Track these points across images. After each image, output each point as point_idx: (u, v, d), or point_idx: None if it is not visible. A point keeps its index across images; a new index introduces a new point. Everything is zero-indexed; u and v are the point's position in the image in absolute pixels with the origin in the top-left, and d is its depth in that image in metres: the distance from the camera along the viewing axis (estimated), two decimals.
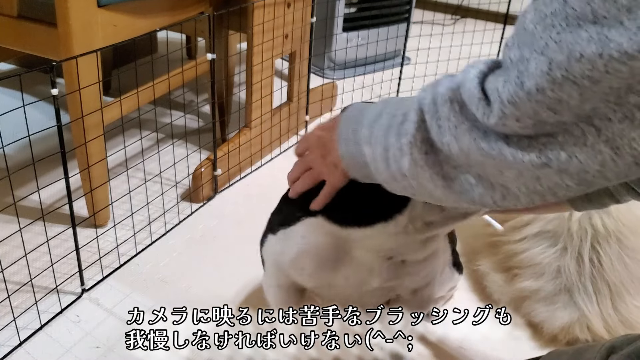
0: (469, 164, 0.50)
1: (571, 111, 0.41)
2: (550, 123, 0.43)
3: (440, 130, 0.50)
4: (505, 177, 0.48)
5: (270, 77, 1.59)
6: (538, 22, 0.41)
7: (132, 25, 1.23)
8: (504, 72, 0.45)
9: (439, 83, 0.52)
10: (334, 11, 2.15)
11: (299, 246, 0.78)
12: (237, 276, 1.18)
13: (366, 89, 2.08)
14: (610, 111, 0.40)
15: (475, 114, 0.47)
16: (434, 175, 0.52)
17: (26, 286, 1.08)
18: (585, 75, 0.39)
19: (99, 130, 1.17)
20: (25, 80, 1.01)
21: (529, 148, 0.44)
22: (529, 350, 1.01)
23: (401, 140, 0.53)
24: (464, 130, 0.48)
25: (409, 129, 0.52)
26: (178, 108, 1.79)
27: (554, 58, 0.40)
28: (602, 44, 0.37)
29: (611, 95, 0.40)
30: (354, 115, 0.64)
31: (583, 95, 0.40)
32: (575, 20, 0.39)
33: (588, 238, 1.01)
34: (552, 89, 0.40)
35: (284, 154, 1.71)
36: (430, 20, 2.79)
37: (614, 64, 0.37)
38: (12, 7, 1.18)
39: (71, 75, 1.07)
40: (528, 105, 0.42)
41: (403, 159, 0.53)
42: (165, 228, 1.32)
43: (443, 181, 0.52)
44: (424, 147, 0.51)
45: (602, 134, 0.41)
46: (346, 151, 0.64)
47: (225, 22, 1.52)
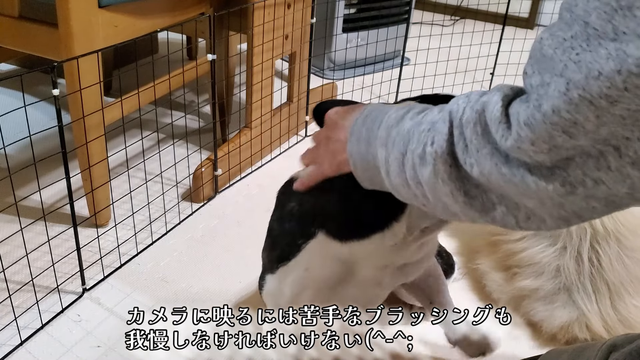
0: (490, 188, 0.48)
1: (587, 136, 0.40)
2: (565, 148, 0.42)
3: (466, 149, 0.48)
4: (528, 202, 0.46)
5: (271, 77, 1.59)
6: (557, 46, 0.41)
7: (133, 25, 1.23)
8: (526, 97, 0.44)
9: (470, 98, 0.50)
10: (333, 12, 2.15)
11: (302, 281, 0.76)
12: (237, 276, 1.19)
13: (366, 90, 2.09)
14: (627, 131, 0.39)
15: (495, 137, 0.45)
16: (455, 191, 0.50)
17: (27, 286, 1.08)
18: (602, 94, 0.38)
19: (99, 130, 1.18)
20: (27, 80, 1.01)
21: (552, 176, 0.43)
22: (528, 350, 1.01)
23: (425, 149, 0.51)
24: (486, 154, 0.46)
25: (436, 139, 0.50)
26: (179, 108, 1.79)
27: (572, 78, 0.39)
28: (621, 60, 0.37)
29: (628, 119, 0.39)
30: (371, 115, 0.61)
31: (600, 118, 0.39)
32: (596, 39, 0.38)
33: (587, 237, 1.01)
34: (568, 109, 0.39)
35: (284, 154, 1.71)
36: (429, 20, 2.79)
37: (633, 79, 0.37)
38: (13, 7, 1.18)
39: (72, 76, 1.08)
40: (543, 128, 0.41)
41: (424, 168, 0.51)
42: (165, 228, 1.32)
43: (464, 197, 0.50)
44: (449, 161, 0.49)
45: (624, 154, 0.40)
46: (356, 150, 0.61)
47: (225, 22, 1.52)
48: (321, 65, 2.27)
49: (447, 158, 0.49)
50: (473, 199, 0.50)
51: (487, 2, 2.46)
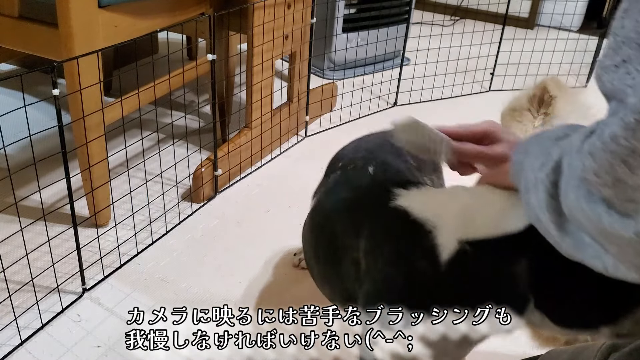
0: (578, 224, 0.46)
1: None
2: (630, 186, 0.39)
3: (562, 178, 0.46)
4: (610, 247, 0.44)
5: (271, 77, 1.59)
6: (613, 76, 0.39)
7: (133, 25, 1.24)
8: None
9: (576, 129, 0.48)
10: (333, 12, 2.15)
11: None
12: (237, 276, 1.19)
13: (366, 90, 2.09)
14: None
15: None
16: (551, 224, 0.49)
17: (27, 286, 1.08)
18: None
19: (99, 130, 1.18)
20: (27, 80, 1.02)
21: (626, 220, 0.40)
22: (529, 350, 1.01)
23: (539, 174, 0.50)
24: (573, 186, 0.44)
25: (547, 164, 0.49)
26: (179, 108, 1.79)
27: (629, 102, 0.37)
28: None
29: None
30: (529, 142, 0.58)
31: None
32: None
33: None
34: (625, 136, 0.37)
35: (284, 154, 1.71)
36: (429, 21, 2.79)
37: None
38: (13, 7, 1.18)
39: (72, 76, 1.08)
40: (603, 156, 0.39)
41: (535, 192, 0.50)
42: (165, 228, 1.32)
43: (558, 231, 0.48)
44: (551, 190, 0.48)
45: None
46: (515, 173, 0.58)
47: (225, 23, 1.52)
48: (321, 65, 2.27)
49: (550, 187, 0.48)
50: (567, 234, 0.48)
51: (487, 2, 2.46)
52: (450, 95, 2.15)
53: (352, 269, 0.76)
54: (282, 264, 1.23)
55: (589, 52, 2.46)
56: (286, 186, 1.53)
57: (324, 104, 1.90)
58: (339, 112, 1.91)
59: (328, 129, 1.85)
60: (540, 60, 2.29)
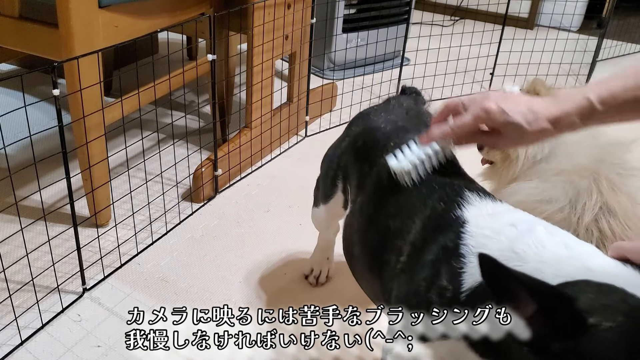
0: None
1: None
2: None
3: None
4: None
5: (271, 77, 1.59)
6: None
7: (133, 26, 1.24)
8: None
9: None
10: (333, 12, 2.15)
11: None
12: (237, 276, 1.19)
13: (366, 90, 2.09)
14: None
15: None
16: None
17: (27, 285, 1.08)
18: None
19: (100, 130, 1.18)
20: (27, 80, 1.02)
21: None
22: None
23: None
24: None
25: None
26: (179, 108, 1.79)
27: None
28: None
29: None
30: None
31: None
32: None
33: (594, 240, 1.01)
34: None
35: (284, 154, 1.71)
36: (429, 21, 2.79)
37: None
38: (13, 8, 1.18)
39: (72, 76, 1.08)
40: None
41: None
42: (166, 228, 1.32)
43: None
44: None
45: None
46: None
47: (225, 23, 1.52)
48: (321, 66, 2.27)
49: None
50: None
51: (487, 2, 2.46)
52: (450, 96, 2.15)
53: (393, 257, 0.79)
54: (282, 264, 1.24)
55: (589, 52, 2.46)
56: (286, 186, 1.53)
57: (324, 104, 1.90)
58: (339, 112, 1.91)
59: (328, 129, 1.85)
60: (540, 60, 2.29)
